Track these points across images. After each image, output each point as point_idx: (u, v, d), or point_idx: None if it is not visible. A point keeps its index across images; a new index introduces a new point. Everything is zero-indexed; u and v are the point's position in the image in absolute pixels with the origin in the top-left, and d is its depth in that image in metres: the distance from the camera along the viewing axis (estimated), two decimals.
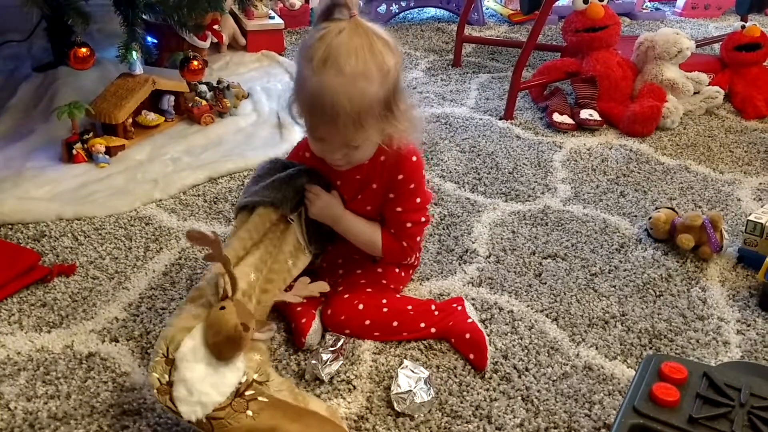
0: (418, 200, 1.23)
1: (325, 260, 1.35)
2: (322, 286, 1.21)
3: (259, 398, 0.98)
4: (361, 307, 1.22)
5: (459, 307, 1.28)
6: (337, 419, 1.05)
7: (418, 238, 1.30)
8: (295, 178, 1.20)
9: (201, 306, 1.02)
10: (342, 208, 1.24)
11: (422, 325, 1.24)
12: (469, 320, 1.25)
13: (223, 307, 0.99)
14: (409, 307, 1.26)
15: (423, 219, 1.26)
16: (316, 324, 1.22)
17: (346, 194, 1.25)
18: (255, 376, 0.99)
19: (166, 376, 0.95)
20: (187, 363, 0.95)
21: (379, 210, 1.26)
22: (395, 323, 1.23)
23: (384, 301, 1.25)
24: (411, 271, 1.40)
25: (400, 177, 1.20)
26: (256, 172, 1.26)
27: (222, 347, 0.97)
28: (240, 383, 0.97)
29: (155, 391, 0.95)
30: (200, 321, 0.99)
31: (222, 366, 0.97)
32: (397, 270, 1.34)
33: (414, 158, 1.20)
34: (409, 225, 1.24)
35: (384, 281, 1.31)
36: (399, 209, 1.23)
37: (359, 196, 1.24)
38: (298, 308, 1.24)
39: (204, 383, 0.95)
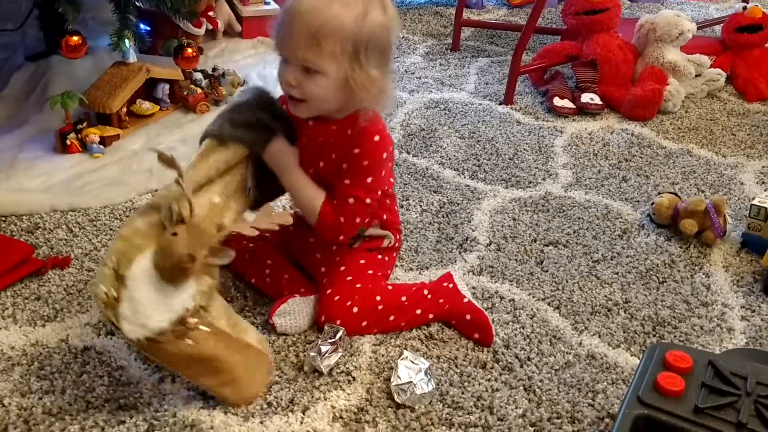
0: (369, 180, 1.18)
1: (305, 260, 1.33)
2: (285, 218, 1.06)
3: (201, 327, 0.97)
4: (355, 310, 1.20)
5: (450, 285, 1.27)
6: (266, 350, 1.12)
7: (357, 220, 1.21)
8: (271, 122, 1.17)
9: (155, 226, 0.97)
10: (294, 161, 1.19)
11: (418, 311, 1.22)
12: (465, 300, 1.24)
13: (175, 233, 0.94)
14: (403, 299, 1.23)
15: (368, 200, 1.19)
16: (287, 306, 1.21)
17: (306, 155, 1.21)
18: (203, 301, 0.98)
19: (113, 291, 0.92)
20: (137, 283, 0.93)
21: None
22: (392, 317, 1.21)
23: (378, 297, 1.22)
24: (395, 254, 1.37)
25: (356, 151, 1.16)
26: (241, 97, 1.21)
27: (169, 273, 0.94)
28: (187, 309, 0.96)
29: (101, 303, 0.93)
30: (153, 242, 0.96)
31: (170, 290, 0.95)
32: (379, 256, 1.31)
33: (377, 138, 1.17)
34: (351, 200, 1.18)
35: (370, 271, 1.27)
36: (347, 182, 1.18)
37: (320, 163, 1.20)
38: (285, 291, 1.25)
39: (150, 305, 0.93)
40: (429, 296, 1.25)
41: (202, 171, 1.07)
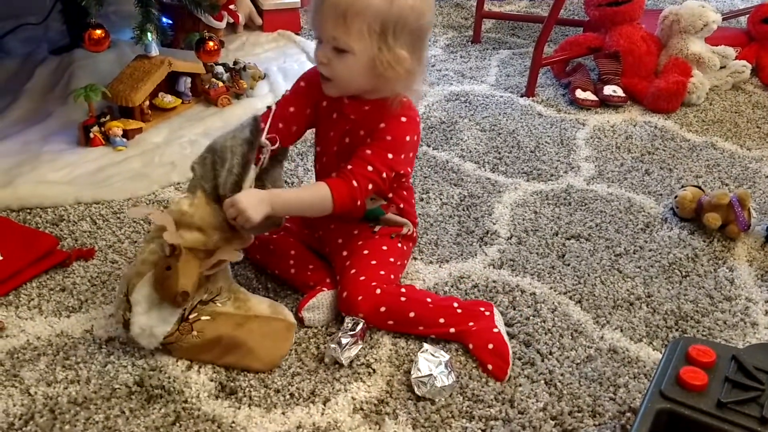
0: (390, 156, 1.18)
1: (328, 245, 1.33)
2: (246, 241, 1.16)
3: (202, 318, 1.12)
4: (378, 291, 1.19)
5: (486, 312, 1.21)
6: (281, 314, 1.18)
7: (370, 186, 1.18)
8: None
9: (154, 252, 1.11)
10: (265, 194, 1.13)
11: (441, 320, 1.18)
12: (495, 329, 1.18)
13: (168, 267, 1.08)
14: (429, 300, 1.21)
15: (384, 175, 1.18)
16: (315, 300, 1.21)
17: (335, 131, 1.24)
18: (204, 296, 1.13)
19: (128, 314, 1.11)
20: (138, 306, 1.10)
21: None
22: (412, 314, 1.18)
23: (402, 290, 1.22)
24: (411, 245, 1.37)
25: (382, 125, 1.18)
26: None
27: (166, 302, 1.10)
28: (185, 309, 1.11)
29: (122, 327, 1.13)
30: (151, 269, 1.11)
31: (166, 307, 1.11)
32: (399, 245, 1.31)
33: (404, 119, 1.19)
34: (369, 168, 1.16)
35: (392, 258, 1.27)
36: (369, 151, 1.18)
37: (346, 139, 1.23)
38: (311, 283, 1.26)
39: (151, 319, 1.10)
40: (459, 311, 1.20)
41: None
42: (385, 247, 1.28)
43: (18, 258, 1.31)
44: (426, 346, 1.13)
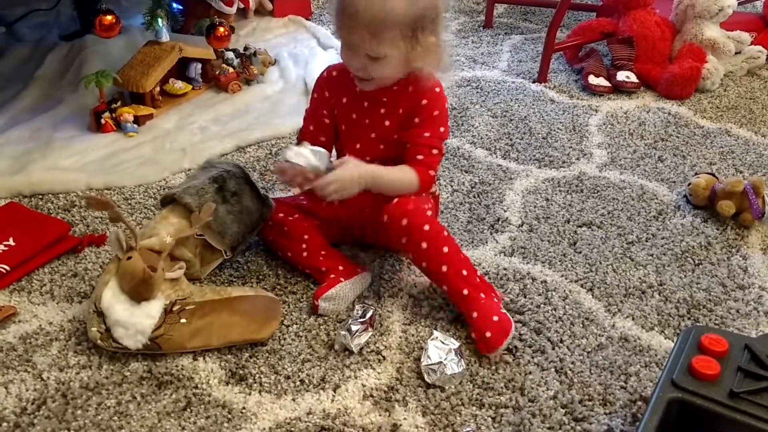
0: (442, 129, 1.23)
1: (369, 226, 1.33)
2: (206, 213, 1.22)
3: (187, 307, 1.13)
4: (429, 213, 1.19)
5: (496, 300, 1.21)
6: (261, 292, 1.22)
7: (438, 167, 1.26)
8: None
9: (112, 262, 1.14)
10: (370, 166, 1.19)
11: (464, 272, 1.18)
12: (503, 311, 1.18)
13: (129, 257, 1.10)
14: (461, 254, 1.21)
15: (443, 150, 1.25)
16: (333, 291, 1.21)
17: (370, 117, 1.25)
18: (178, 296, 1.14)
19: (103, 326, 1.09)
20: (112, 308, 1.09)
21: (398, 144, 1.24)
22: (446, 249, 1.18)
23: (445, 232, 1.21)
24: (436, 205, 1.37)
25: (425, 102, 1.21)
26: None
27: (138, 289, 1.10)
28: (165, 305, 1.12)
29: (99, 342, 1.10)
30: (113, 273, 1.11)
31: (143, 304, 1.11)
32: (432, 202, 1.31)
33: (437, 89, 1.22)
34: (434, 152, 1.22)
35: (428, 205, 1.27)
36: (427, 134, 1.21)
37: (386, 122, 1.24)
38: (323, 268, 1.26)
39: (134, 316, 1.09)
40: (477, 279, 1.21)
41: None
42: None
43: (30, 244, 1.32)
44: (436, 333, 1.13)
